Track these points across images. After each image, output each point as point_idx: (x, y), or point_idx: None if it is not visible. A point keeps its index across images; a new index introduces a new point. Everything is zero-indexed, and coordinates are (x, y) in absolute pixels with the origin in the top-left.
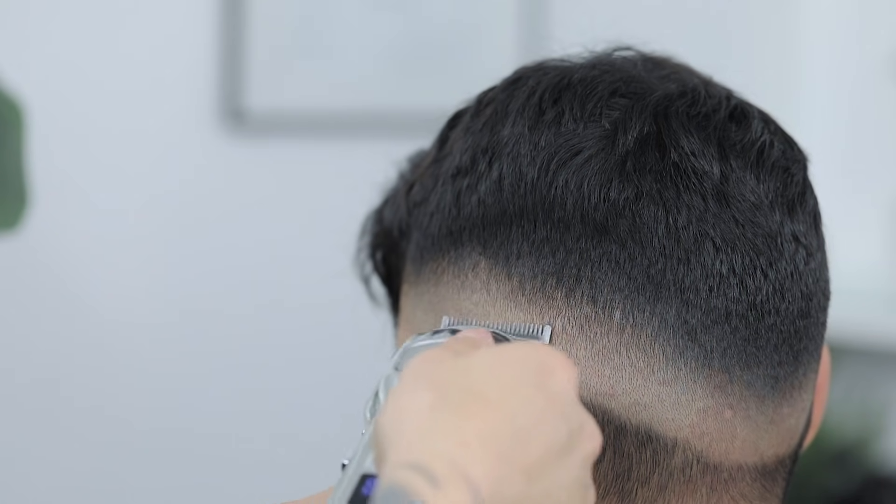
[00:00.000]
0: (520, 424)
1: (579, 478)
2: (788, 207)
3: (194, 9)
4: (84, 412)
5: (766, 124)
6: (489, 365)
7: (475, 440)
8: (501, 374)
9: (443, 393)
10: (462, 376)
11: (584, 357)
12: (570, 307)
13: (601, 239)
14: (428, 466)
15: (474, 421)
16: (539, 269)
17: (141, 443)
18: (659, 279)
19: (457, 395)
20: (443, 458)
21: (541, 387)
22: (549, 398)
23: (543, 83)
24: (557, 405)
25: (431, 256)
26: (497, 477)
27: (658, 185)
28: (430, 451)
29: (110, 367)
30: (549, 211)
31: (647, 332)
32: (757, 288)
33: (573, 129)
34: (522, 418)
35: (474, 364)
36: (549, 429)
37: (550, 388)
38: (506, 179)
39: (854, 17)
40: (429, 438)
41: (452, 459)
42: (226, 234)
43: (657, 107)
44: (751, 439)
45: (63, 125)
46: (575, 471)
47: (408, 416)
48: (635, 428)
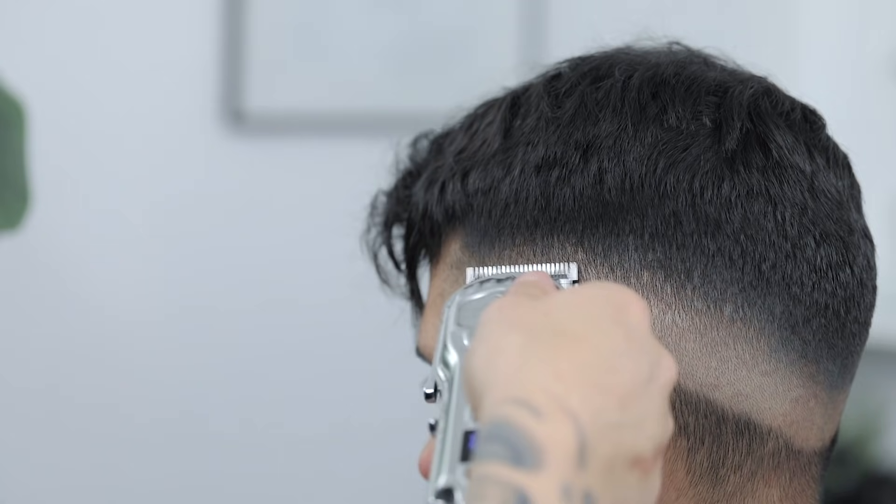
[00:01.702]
0: (608, 356)
1: (661, 406)
2: (857, 204)
3: (195, 9)
4: (85, 412)
5: (825, 125)
6: (568, 304)
7: (569, 372)
8: (582, 312)
9: (530, 332)
10: (544, 317)
11: (692, 350)
12: (679, 300)
13: (715, 234)
14: (528, 399)
15: (565, 355)
16: (646, 262)
17: (142, 443)
18: (769, 274)
19: (543, 333)
20: (541, 391)
21: (619, 322)
22: (628, 331)
23: (635, 78)
24: (636, 338)
25: (507, 246)
26: (595, 406)
27: (764, 180)
28: (528, 384)
29: (111, 367)
30: (658, 206)
31: (755, 325)
32: (846, 282)
33: (677, 126)
34: (609, 351)
35: (553, 305)
36: (632, 360)
37: (628, 322)
38: (608, 174)
39: (854, 17)
40: (525, 373)
41: (550, 391)
42: (226, 234)
43: (750, 105)
44: (820, 425)
45: (64, 125)
46: (657, 399)
47: (500, 357)
48: (735, 417)
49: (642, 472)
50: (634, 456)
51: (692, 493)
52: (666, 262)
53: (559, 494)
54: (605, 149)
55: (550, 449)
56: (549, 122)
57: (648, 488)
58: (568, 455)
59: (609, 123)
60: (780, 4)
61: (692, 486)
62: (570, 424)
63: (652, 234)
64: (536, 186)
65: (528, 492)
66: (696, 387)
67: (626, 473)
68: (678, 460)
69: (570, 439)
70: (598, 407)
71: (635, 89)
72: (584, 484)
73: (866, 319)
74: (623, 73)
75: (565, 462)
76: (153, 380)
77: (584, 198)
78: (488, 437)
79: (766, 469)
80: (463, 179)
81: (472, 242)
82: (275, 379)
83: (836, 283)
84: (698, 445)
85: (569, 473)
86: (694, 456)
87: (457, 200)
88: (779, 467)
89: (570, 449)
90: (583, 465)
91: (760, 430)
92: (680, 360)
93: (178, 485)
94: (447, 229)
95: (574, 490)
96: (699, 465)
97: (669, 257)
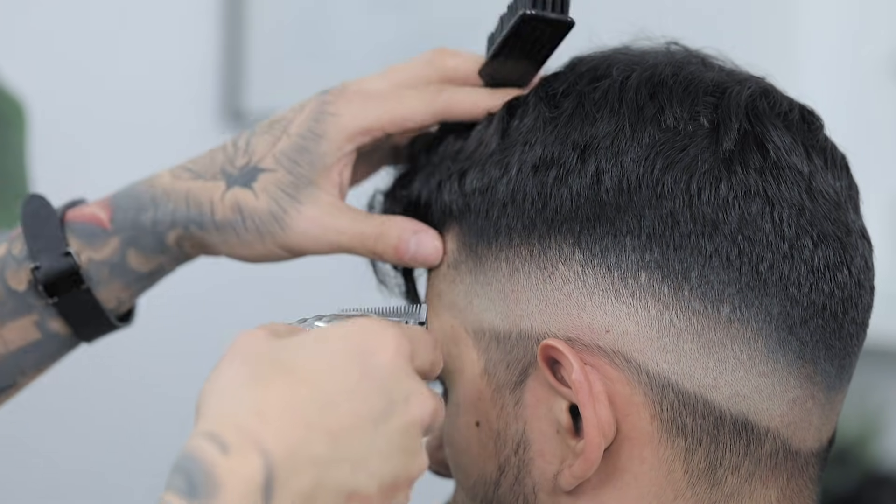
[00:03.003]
0: (327, 394)
1: (401, 445)
2: (854, 205)
3: (195, 9)
4: (85, 413)
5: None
6: (308, 343)
7: (273, 409)
8: (314, 352)
9: (253, 366)
10: (276, 352)
11: (690, 350)
12: (677, 301)
13: (713, 235)
14: (220, 434)
15: (277, 392)
16: (644, 263)
17: (143, 442)
18: (767, 275)
19: (265, 369)
20: (234, 426)
21: (357, 363)
22: (366, 372)
23: (633, 78)
24: (376, 377)
25: (504, 246)
26: (294, 441)
27: (762, 181)
28: (224, 419)
29: (111, 367)
30: (656, 207)
31: (753, 326)
32: (844, 283)
33: (674, 127)
34: (330, 389)
35: (294, 343)
36: (360, 399)
37: (369, 363)
38: (605, 174)
39: (854, 17)
40: (226, 408)
41: (244, 426)
42: None
43: (747, 106)
44: (817, 425)
45: (64, 125)
46: (396, 438)
47: (215, 387)
48: (733, 418)
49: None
50: (349, 491)
51: (690, 493)
52: (663, 263)
53: None
54: (603, 149)
55: (229, 482)
56: (546, 123)
57: None
58: (249, 488)
59: (606, 124)
60: (780, 4)
61: (690, 487)
62: (258, 459)
63: (649, 234)
64: (534, 187)
65: None
66: (693, 387)
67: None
68: (676, 461)
69: (254, 473)
70: (298, 442)
71: (633, 90)
72: None
73: (864, 320)
74: (621, 73)
75: (243, 495)
76: (154, 378)
77: (582, 198)
78: (174, 469)
79: (763, 470)
80: (460, 179)
81: (469, 242)
82: None
83: (833, 283)
84: (696, 446)
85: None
86: (692, 457)
87: (454, 200)
88: (776, 468)
89: (252, 482)
90: (268, 498)
91: (758, 431)
92: (678, 361)
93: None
94: (443, 228)
95: None
96: (697, 465)
97: (667, 258)
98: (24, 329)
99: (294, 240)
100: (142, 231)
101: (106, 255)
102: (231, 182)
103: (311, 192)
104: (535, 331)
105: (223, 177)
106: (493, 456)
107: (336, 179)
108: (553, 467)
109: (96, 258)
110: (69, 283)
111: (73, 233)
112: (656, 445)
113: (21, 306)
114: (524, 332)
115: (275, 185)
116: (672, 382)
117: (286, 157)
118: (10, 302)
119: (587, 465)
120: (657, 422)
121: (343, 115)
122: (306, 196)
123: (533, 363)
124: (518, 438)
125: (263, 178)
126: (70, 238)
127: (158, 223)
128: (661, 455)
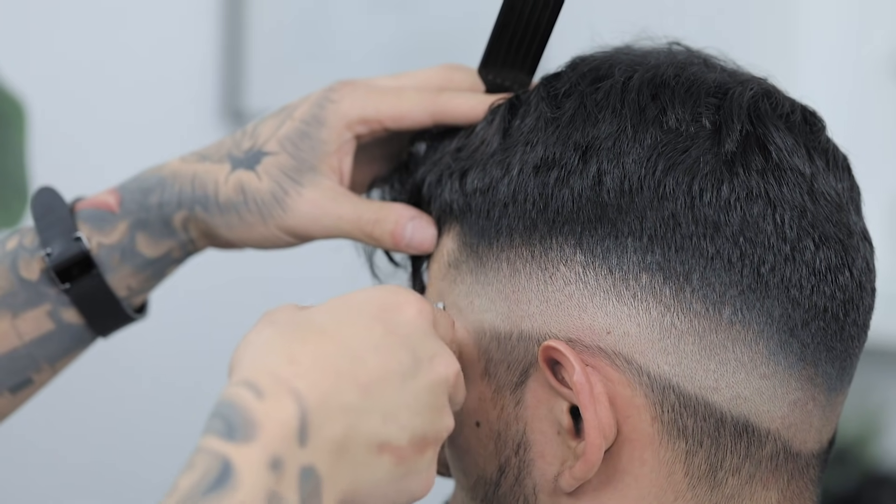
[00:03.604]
0: (355, 348)
1: (428, 402)
2: (856, 206)
3: (195, 9)
4: (85, 413)
5: (825, 127)
6: (330, 307)
7: (306, 359)
8: (340, 312)
9: (282, 327)
10: (304, 317)
11: (691, 352)
12: (678, 303)
13: (714, 236)
14: (254, 381)
15: (307, 345)
16: (645, 264)
17: (142, 442)
18: (768, 277)
19: (294, 328)
20: (269, 374)
21: (382, 320)
22: (391, 329)
23: (635, 79)
24: (400, 335)
25: (505, 246)
26: (326, 389)
27: (764, 183)
28: (259, 368)
29: (111, 366)
30: (657, 208)
31: (754, 328)
32: (845, 284)
33: (676, 128)
34: (358, 343)
35: (319, 307)
36: (387, 353)
37: (394, 320)
38: (606, 175)
39: (854, 17)
40: (259, 360)
41: (278, 374)
42: None
43: (750, 107)
44: (818, 427)
45: (64, 124)
46: (423, 394)
47: (248, 348)
48: (734, 420)
49: (396, 459)
50: (380, 442)
51: (690, 495)
52: (665, 265)
53: (266, 464)
54: (605, 150)
55: (265, 424)
56: (548, 123)
57: (409, 476)
58: (284, 431)
59: (608, 124)
60: (780, 4)
61: (690, 489)
62: (292, 404)
63: (651, 236)
64: (535, 187)
65: (233, 461)
66: (694, 389)
67: (371, 457)
68: (676, 462)
69: (289, 417)
70: (330, 390)
71: (635, 90)
72: (303, 459)
73: (865, 322)
74: (623, 73)
75: (280, 437)
76: (154, 378)
77: (583, 199)
78: (212, 415)
79: (764, 471)
80: (461, 178)
81: (470, 242)
82: None
83: (835, 285)
84: (697, 448)
85: (282, 447)
86: (692, 458)
87: (455, 199)
88: (777, 470)
89: (287, 425)
90: (303, 442)
91: (759, 433)
92: (679, 363)
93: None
94: (443, 227)
95: (288, 463)
96: (697, 467)
97: (668, 259)
98: (37, 320)
99: (294, 221)
100: (149, 213)
101: (115, 239)
102: (236, 164)
103: (312, 177)
104: (535, 332)
105: (229, 159)
106: (494, 456)
107: (336, 165)
108: (553, 468)
109: (106, 242)
110: (80, 268)
111: (82, 219)
112: (657, 447)
113: (34, 296)
114: (525, 332)
115: (277, 167)
116: (673, 384)
117: (289, 141)
118: (22, 292)
119: (588, 467)
120: (658, 423)
121: (343, 103)
122: (308, 180)
123: (534, 364)
124: (518, 439)
125: (267, 161)
126: (80, 224)
127: (165, 204)
128: (662, 457)
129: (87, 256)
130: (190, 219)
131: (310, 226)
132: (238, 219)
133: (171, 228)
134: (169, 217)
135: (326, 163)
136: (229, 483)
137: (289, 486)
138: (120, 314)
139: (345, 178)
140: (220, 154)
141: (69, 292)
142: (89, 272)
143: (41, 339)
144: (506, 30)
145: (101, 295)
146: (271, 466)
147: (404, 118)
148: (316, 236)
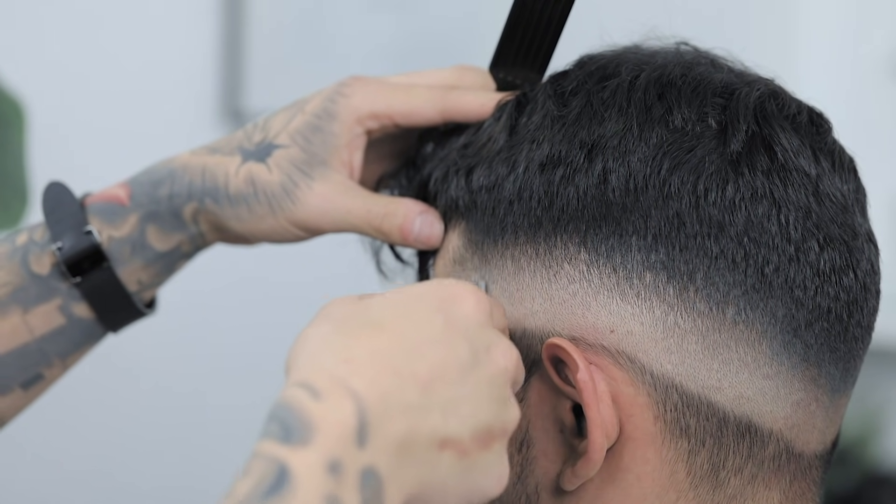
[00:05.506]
0: (415, 343)
1: (490, 394)
2: (861, 208)
3: (195, 9)
4: (85, 413)
5: (832, 128)
6: (388, 299)
7: (363, 357)
8: (398, 305)
9: (338, 323)
10: (361, 311)
11: (694, 351)
12: (682, 302)
13: (718, 236)
14: (311, 382)
15: (364, 342)
16: (649, 263)
17: (143, 442)
18: (772, 277)
19: (350, 324)
20: (325, 374)
21: (440, 312)
22: (449, 321)
23: (642, 78)
24: (459, 326)
25: (510, 244)
26: (385, 387)
27: (769, 183)
28: (315, 369)
29: (111, 366)
30: (662, 207)
31: (758, 328)
32: (850, 286)
33: (682, 127)
34: (416, 338)
35: (375, 301)
36: (446, 346)
37: (451, 312)
38: (612, 174)
39: (854, 17)
40: (315, 359)
41: (334, 374)
42: None
43: (756, 107)
44: (821, 428)
45: (64, 125)
46: (483, 387)
47: (304, 345)
48: (737, 420)
49: (458, 454)
50: (442, 438)
51: (692, 495)
52: (669, 264)
53: (324, 467)
54: (610, 149)
55: (322, 427)
56: (554, 121)
57: (476, 471)
58: (342, 432)
59: (614, 123)
60: (780, 4)
61: (692, 489)
62: (350, 404)
63: (655, 235)
64: (540, 185)
65: (289, 465)
66: (697, 389)
67: (432, 454)
68: (679, 462)
69: (348, 417)
70: (389, 388)
71: (641, 90)
72: (364, 460)
73: (869, 323)
74: (630, 73)
75: (337, 438)
76: (155, 378)
77: (588, 198)
78: (269, 418)
79: (766, 472)
80: (467, 175)
81: (475, 239)
82: (277, 377)
83: (839, 287)
84: (699, 447)
85: (340, 450)
86: (695, 458)
87: (460, 196)
88: (779, 470)
89: (345, 426)
90: (363, 444)
91: (762, 433)
92: (682, 362)
93: (179, 484)
94: (449, 223)
95: (348, 465)
96: (700, 467)
97: (672, 259)
98: (48, 314)
99: (304, 214)
100: (159, 205)
101: (126, 232)
102: (246, 156)
103: (322, 170)
104: (539, 329)
105: (239, 152)
106: None
107: (346, 160)
108: (556, 466)
109: (116, 235)
110: (91, 261)
111: (93, 213)
112: (659, 446)
113: (44, 291)
114: (529, 330)
115: (288, 160)
116: (676, 383)
117: (300, 134)
118: (33, 287)
119: (590, 465)
120: (661, 422)
121: (355, 98)
122: (318, 173)
123: (537, 362)
124: (521, 437)
125: (278, 153)
126: (90, 218)
127: (175, 196)
128: (664, 456)
129: (98, 250)
130: (200, 211)
131: (319, 219)
132: (248, 211)
133: (181, 221)
134: (179, 209)
135: (337, 157)
136: (286, 488)
137: (349, 488)
138: (130, 308)
139: (355, 172)
140: (230, 146)
141: (80, 286)
142: (100, 266)
143: (52, 334)
144: (517, 28)
145: (111, 289)
146: (330, 469)
147: (414, 114)
148: (325, 230)
